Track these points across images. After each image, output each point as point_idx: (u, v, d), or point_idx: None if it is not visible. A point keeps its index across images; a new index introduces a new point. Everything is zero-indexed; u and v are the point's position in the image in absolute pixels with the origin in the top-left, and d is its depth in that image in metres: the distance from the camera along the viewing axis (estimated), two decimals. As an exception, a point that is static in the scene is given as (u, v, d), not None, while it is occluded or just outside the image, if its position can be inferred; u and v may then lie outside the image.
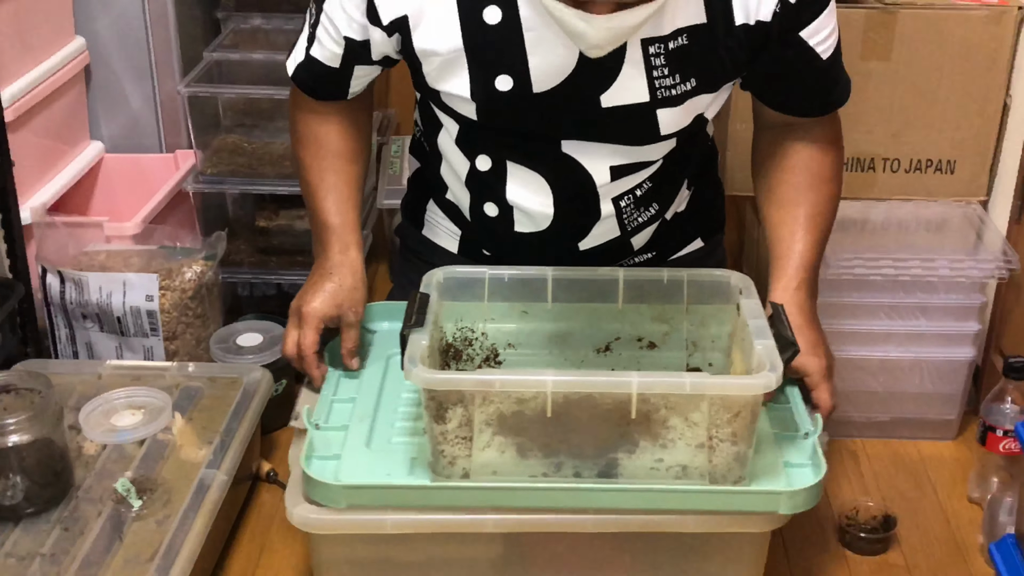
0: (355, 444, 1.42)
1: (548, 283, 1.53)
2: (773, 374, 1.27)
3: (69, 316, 2.11)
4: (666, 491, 1.33)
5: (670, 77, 1.43)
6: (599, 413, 1.31)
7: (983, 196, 2.21)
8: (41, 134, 2.19)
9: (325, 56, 1.51)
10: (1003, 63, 2.11)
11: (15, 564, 1.54)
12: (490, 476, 1.34)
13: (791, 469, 1.37)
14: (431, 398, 1.30)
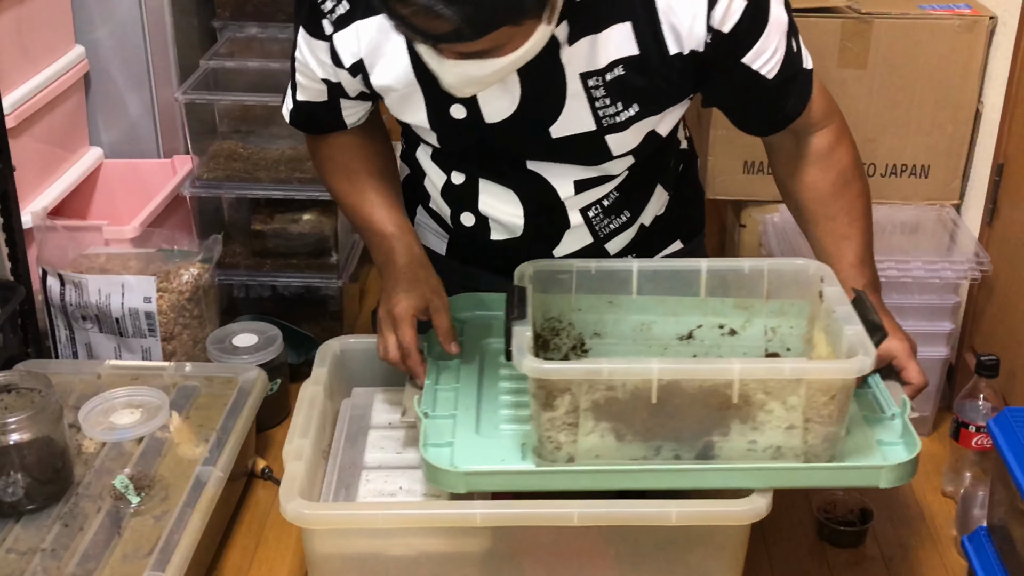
0: (465, 431, 1.43)
1: (633, 275, 1.54)
2: (868, 358, 1.29)
3: (69, 317, 2.11)
4: (770, 469, 1.35)
5: (612, 106, 1.44)
6: (699, 398, 1.32)
7: (956, 200, 2.22)
8: (42, 140, 2.18)
9: (312, 95, 1.54)
10: (975, 71, 2.12)
11: (16, 559, 1.54)
12: (593, 460, 1.35)
13: (884, 447, 1.39)
14: (540, 387, 1.31)
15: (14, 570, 1.52)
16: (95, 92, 2.39)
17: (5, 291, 1.97)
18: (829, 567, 1.80)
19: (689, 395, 1.32)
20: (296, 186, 2.32)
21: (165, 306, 2.07)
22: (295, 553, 1.79)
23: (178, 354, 2.11)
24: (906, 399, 1.43)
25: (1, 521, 1.60)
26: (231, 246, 2.39)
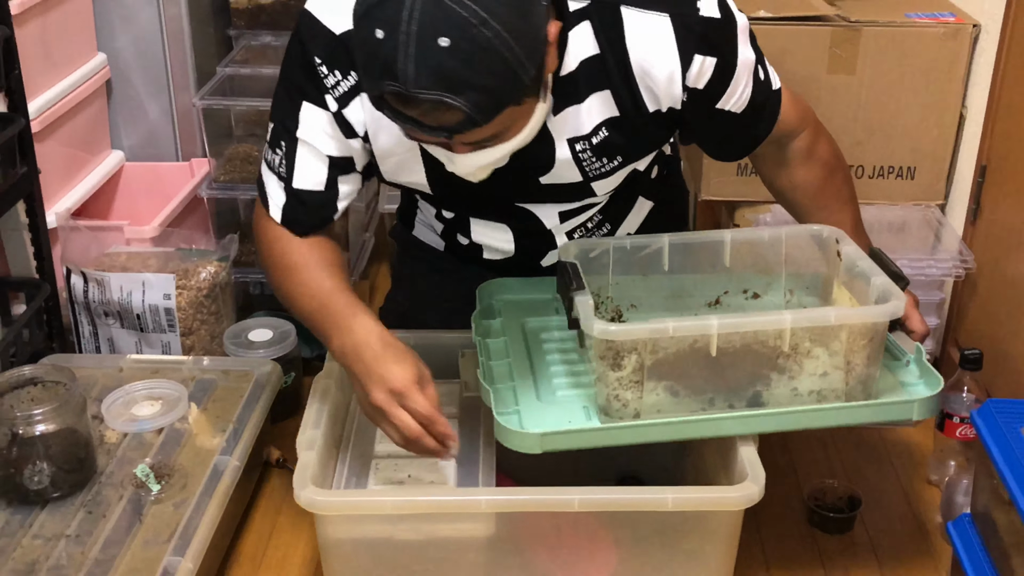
0: (528, 398, 1.47)
1: (665, 249, 1.59)
2: (900, 301, 1.39)
3: (92, 314, 2.11)
4: (815, 410, 1.42)
5: (598, 161, 1.48)
6: (753, 349, 1.39)
7: (941, 200, 2.22)
8: (65, 144, 2.19)
9: (310, 183, 1.46)
10: (959, 77, 2.12)
11: (42, 544, 1.54)
12: (656, 415, 1.40)
13: (909, 387, 1.48)
14: (609, 348, 1.35)
15: (40, 555, 1.52)
16: (116, 98, 2.39)
17: (31, 288, 1.98)
18: (819, 552, 1.81)
19: (743, 347, 1.38)
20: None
21: (184, 303, 2.08)
22: (308, 538, 1.80)
23: (196, 349, 2.11)
24: (919, 345, 1.51)
25: (27, 508, 1.61)
26: (247, 245, 2.39)
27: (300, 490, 1.37)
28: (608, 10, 1.36)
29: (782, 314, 1.39)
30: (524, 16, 1.17)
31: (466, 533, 1.43)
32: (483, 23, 1.13)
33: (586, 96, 1.41)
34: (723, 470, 1.51)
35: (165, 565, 1.50)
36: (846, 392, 1.42)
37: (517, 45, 1.16)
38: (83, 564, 1.51)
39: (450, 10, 1.12)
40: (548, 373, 1.52)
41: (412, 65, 1.13)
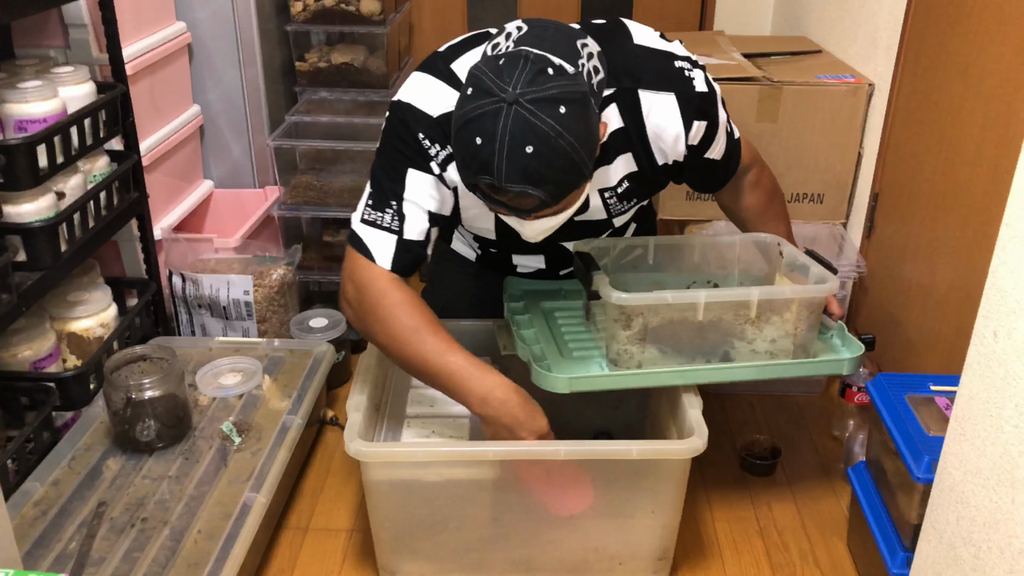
0: (553, 354, 1.49)
1: (650, 248, 1.63)
2: (835, 282, 1.45)
3: (188, 306, 2.11)
4: (771, 365, 1.46)
5: (620, 204, 1.51)
6: (729, 315, 1.44)
7: (843, 219, 2.21)
8: (168, 175, 2.18)
9: (415, 233, 1.38)
10: (857, 124, 2.12)
11: (150, 483, 1.54)
12: (653, 366, 1.44)
13: (838, 350, 1.54)
14: (622, 312, 1.39)
15: (148, 491, 1.52)
16: (208, 139, 2.39)
17: (141, 286, 1.98)
18: (748, 491, 1.80)
19: (720, 315, 1.43)
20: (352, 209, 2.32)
21: (259, 297, 2.07)
22: (355, 479, 1.80)
23: (269, 333, 2.11)
24: (840, 323, 1.56)
25: (138, 456, 1.61)
26: (308, 253, 2.39)
27: (349, 442, 1.37)
28: (629, 93, 1.38)
29: (751, 289, 1.43)
30: (587, 127, 1.19)
31: (477, 476, 1.43)
32: (559, 135, 1.15)
33: (614, 158, 1.43)
34: (675, 427, 1.51)
35: (244, 499, 1.50)
36: (792, 352, 1.46)
37: (583, 149, 1.19)
38: (181, 498, 1.51)
39: (535, 126, 1.14)
40: (564, 339, 1.54)
41: (504, 165, 1.15)
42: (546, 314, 1.63)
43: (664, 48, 1.42)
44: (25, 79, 1.57)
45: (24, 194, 1.52)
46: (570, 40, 1.23)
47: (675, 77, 1.39)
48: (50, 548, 1.39)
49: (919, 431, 1.37)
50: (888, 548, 1.42)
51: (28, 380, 1.61)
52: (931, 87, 1.82)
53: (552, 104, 1.15)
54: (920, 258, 1.85)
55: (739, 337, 1.46)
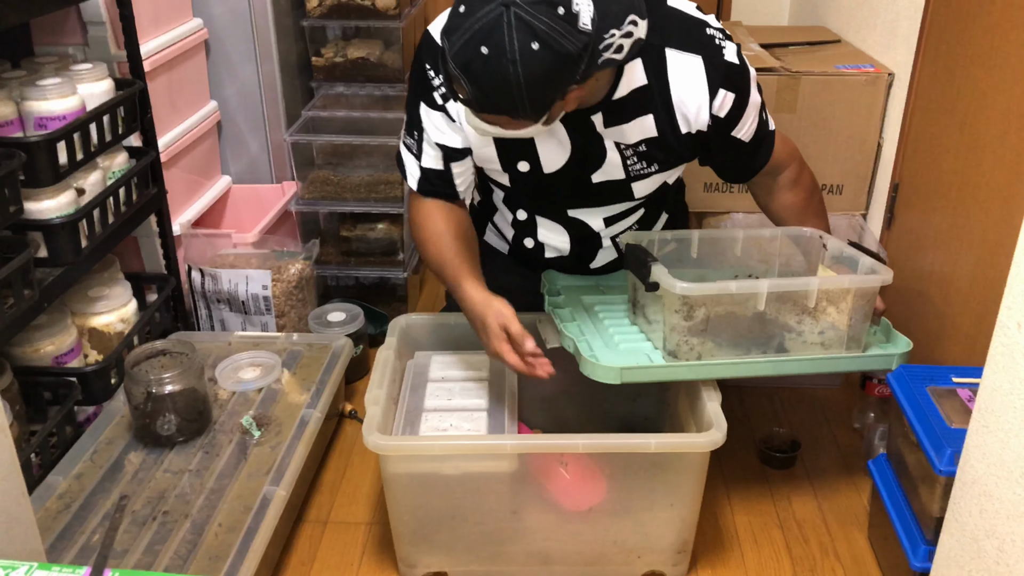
0: (600, 347, 1.46)
1: (694, 240, 1.61)
2: (889, 272, 1.42)
3: (207, 300, 2.12)
4: (828, 359, 1.45)
5: (639, 164, 1.46)
6: (787, 305, 1.42)
7: (863, 210, 2.19)
8: (186, 171, 2.19)
9: (431, 163, 1.48)
10: (877, 114, 2.10)
11: (171, 477, 1.55)
12: (711, 357, 1.42)
13: (883, 346, 1.51)
14: (684, 302, 1.37)
15: (169, 485, 1.53)
16: (225, 135, 2.40)
17: (161, 281, 1.99)
18: (768, 484, 1.79)
19: (779, 304, 1.42)
20: (372, 203, 2.32)
21: (278, 292, 2.08)
22: (374, 472, 1.80)
23: (287, 327, 2.12)
24: (885, 320, 1.54)
25: (159, 449, 1.62)
26: (325, 248, 2.40)
27: (368, 435, 1.37)
28: (655, 51, 1.35)
29: (810, 279, 1.42)
30: (546, 79, 1.16)
31: (495, 469, 1.43)
32: (513, 62, 1.13)
33: (634, 117, 1.40)
34: (693, 420, 1.50)
35: (264, 493, 1.50)
36: (845, 343, 1.45)
37: (527, 92, 1.16)
38: (202, 492, 1.51)
39: (501, 36, 1.12)
40: (608, 332, 1.53)
41: (459, 45, 1.15)
42: (587, 308, 1.61)
43: (698, 16, 1.40)
44: (44, 77, 1.58)
45: (45, 191, 1.53)
46: (621, 4, 1.19)
47: (705, 42, 1.37)
48: (73, 541, 1.41)
49: (941, 423, 1.36)
50: (910, 541, 1.41)
51: (50, 375, 1.62)
52: (952, 75, 1.80)
53: (530, 32, 1.12)
54: (941, 248, 1.83)
55: (793, 328, 1.45)
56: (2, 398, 1.38)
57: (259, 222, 2.27)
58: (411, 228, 1.56)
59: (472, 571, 1.53)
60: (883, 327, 1.55)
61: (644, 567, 1.53)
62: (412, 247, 2.48)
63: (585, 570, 1.53)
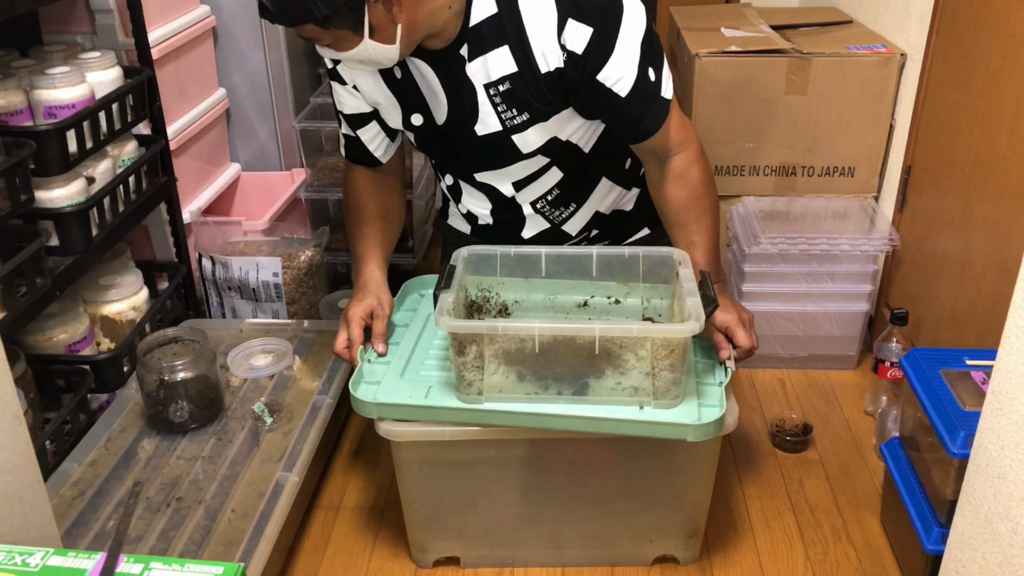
0: (392, 374, 1.43)
1: (542, 259, 1.51)
2: (697, 323, 1.26)
3: (218, 288, 2.12)
4: (612, 420, 1.31)
5: (509, 111, 1.40)
6: (573, 350, 1.31)
7: (875, 193, 2.17)
8: (195, 158, 2.19)
9: (346, 129, 1.56)
10: (889, 96, 2.08)
11: (184, 463, 1.56)
12: (497, 394, 1.34)
13: (704, 407, 1.34)
14: (454, 338, 1.31)
15: (183, 471, 1.54)
16: (234, 122, 2.40)
17: (172, 269, 1.99)
18: (779, 467, 1.79)
19: (565, 347, 1.30)
20: (382, 190, 2.32)
21: (288, 279, 2.08)
22: (385, 458, 1.81)
23: (298, 314, 2.12)
24: (730, 371, 1.39)
25: (172, 436, 1.62)
26: (335, 235, 2.40)
27: (379, 422, 1.38)
28: None
29: (593, 324, 1.29)
30: None
31: (505, 454, 1.43)
32: None
33: (491, 49, 1.36)
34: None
35: (277, 478, 1.51)
36: (653, 392, 1.31)
37: None
38: (215, 478, 1.52)
39: None
40: (423, 356, 1.48)
41: None
42: (428, 325, 1.56)
43: None
44: (53, 65, 1.58)
45: (55, 179, 1.53)
46: None
47: None
48: (88, 527, 1.42)
49: (954, 406, 1.35)
50: (923, 524, 1.40)
51: (64, 363, 1.63)
52: (966, 55, 1.78)
53: None
54: (955, 230, 1.82)
55: (594, 369, 1.32)
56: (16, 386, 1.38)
57: (269, 209, 2.27)
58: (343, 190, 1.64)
59: (484, 556, 1.54)
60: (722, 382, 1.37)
61: (656, 551, 1.53)
62: (422, 233, 2.47)
63: (597, 554, 1.53)
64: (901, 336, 1.88)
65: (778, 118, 2.09)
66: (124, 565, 0.90)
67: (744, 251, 2.02)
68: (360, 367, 1.43)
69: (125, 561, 0.90)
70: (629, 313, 1.51)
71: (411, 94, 1.46)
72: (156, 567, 0.90)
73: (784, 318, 2.08)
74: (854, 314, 2.08)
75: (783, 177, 2.16)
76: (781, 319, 2.07)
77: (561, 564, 1.54)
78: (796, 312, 2.08)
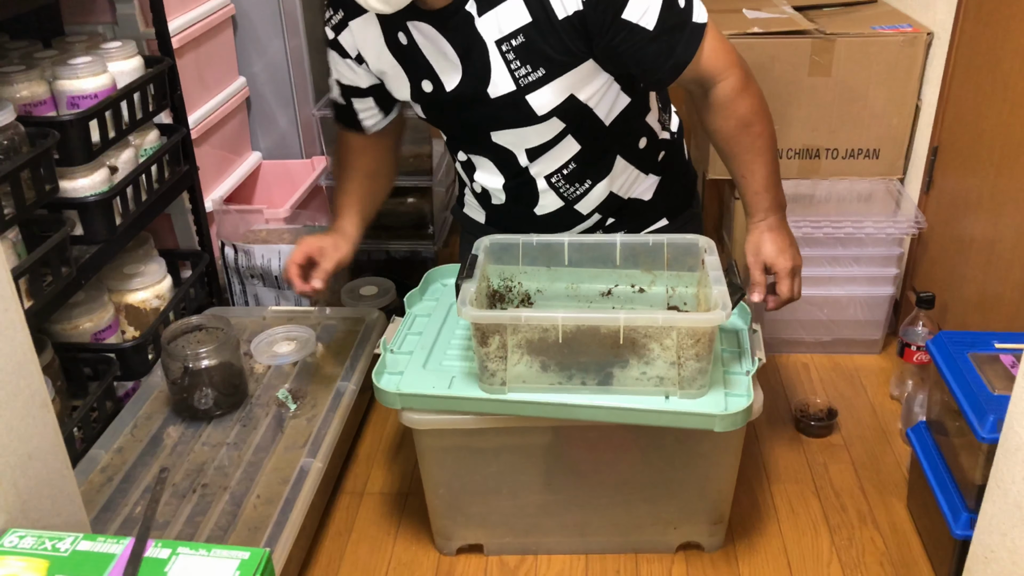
0: (415, 365, 1.43)
1: (565, 247, 1.49)
2: (724, 312, 1.25)
3: (241, 276, 2.14)
4: (637, 410, 1.30)
5: (523, 67, 1.34)
6: (597, 339, 1.30)
7: (900, 175, 2.15)
8: (217, 147, 2.20)
9: (337, 96, 1.55)
10: (915, 76, 2.04)
11: (209, 450, 1.57)
12: (520, 384, 1.34)
13: (731, 396, 1.33)
14: (476, 328, 1.30)
15: (208, 458, 1.55)
16: (254, 111, 2.40)
17: (194, 257, 2.00)
18: (804, 452, 1.78)
19: (589, 337, 1.29)
20: (402, 177, 2.31)
21: (310, 267, 2.09)
22: (408, 445, 1.81)
23: (321, 301, 2.13)
24: (759, 360, 1.37)
25: (197, 423, 1.64)
26: (356, 222, 2.40)
27: (402, 411, 1.38)
28: None
29: (618, 313, 1.28)
30: None
31: (528, 442, 1.43)
32: None
33: (501, 0, 1.30)
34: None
35: (301, 465, 1.52)
36: (679, 381, 1.30)
37: None
38: (240, 464, 1.53)
39: None
40: (446, 346, 1.47)
41: None
42: (451, 315, 1.55)
43: None
44: (75, 56, 1.59)
45: (79, 169, 1.54)
46: None
47: None
48: (117, 513, 1.43)
49: (983, 390, 1.33)
50: (951, 509, 1.39)
51: (90, 351, 1.65)
52: (995, 34, 1.74)
53: None
54: (982, 212, 1.79)
55: (619, 359, 1.31)
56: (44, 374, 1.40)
57: (290, 197, 2.27)
58: None
59: (508, 543, 1.54)
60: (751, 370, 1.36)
61: (680, 538, 1.53)
62: (442, 220, 2.47)
63: (621, 542, 1.53)
64: (927, 320, 1.86)
65: (801, 100, 2.06)
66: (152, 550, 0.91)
67: (767, 235, 2.00)
68: (383, 357, 1.43)
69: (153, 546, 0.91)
70: (653, 302, 1.50)
71: (418, 60, 1.40)
72: (184, 552, 0.91)
73: (808, 302, 2.06)
74: (879, 298, 2.06)
75: (807, 160, 2.14)
76: (805, 303, 2.05)
77: (585, 551, 1.54)
78: (821, 296, 2.06)
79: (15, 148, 1.37)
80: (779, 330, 2.09)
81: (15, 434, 0.96)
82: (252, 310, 2.01)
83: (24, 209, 1.36)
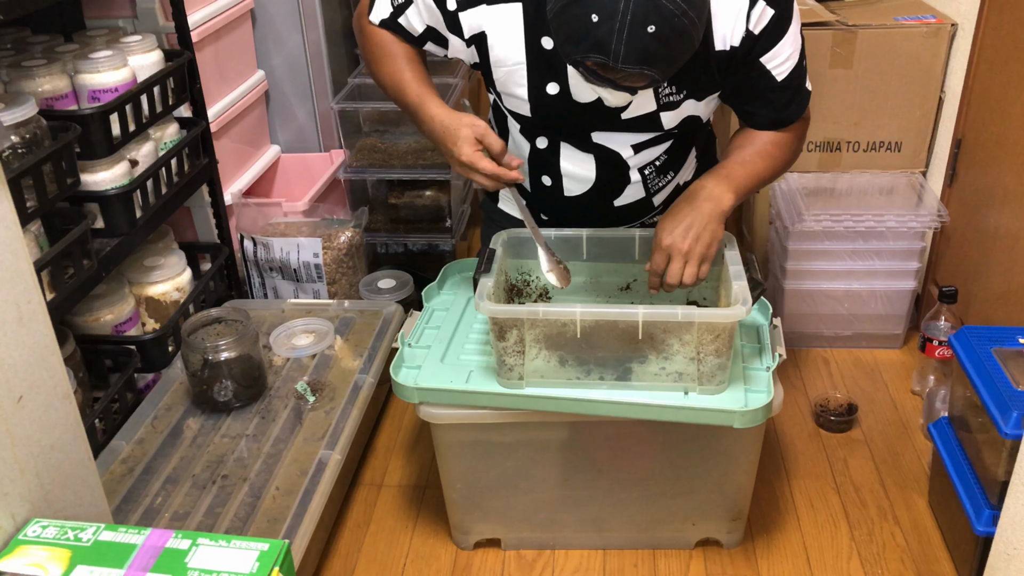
0: (433, 359, 1.42)
1: (583, 241, 1.49)
2: (744, 307, 1.24)
3: (260, 269, 2.14)
4: (656, 406, 1.30)
5: (670, 88, 1.37)
6: (616, 334, 1.29)
7: (923, 168, 2.12)
8: (236, 140, 2.21)
9: (409, 27, 1.41)
10: (938, 68, 2.02)
11: (229, 441, 1.58)
12: (538, 379, 1.33)
13: (751, 392, 1.32)
14: (494, 323, 1.30)
15: (227, 449, 1.56)
16: (273, 104, 2.41)
17: (214, 250, 2.01)
18: (824, 447, 1.77)
19: (607, 332, 1.28)
20: (420, 170, 2.32)
21: (328, 260, 2.10)
22: (426, 438, 1.81)
23: (339, 294, 2.13)
24: (779, 356, 1.36)
25: (217, 415, 1.65)
26: (374, 215, 2.41)
27: (420, 405, 1.38)
28: None
29: (636, 308, 1.27)
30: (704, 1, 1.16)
31: (545, 437, 1.43)
32: (683, 14, 1.11)
33: None
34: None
35: (320, 456, 1.52)
36: (699, 377, 1.30)
37: (699, 22, 1.14)
38: (259, 456, 1.54)
39: (660, 5, 1.10)
40: (464, 341, 1.46)
41: (624, 46, 1.12)
42: (468, 308, 1.54)
43: None
44: (96, 50, 1.59)
45: (100, 162, 1.55)
46: None
47: None
48: (138, 503, 1.44)
49: (1007, 385, 1.32)
50: (973, 505, 1.37)
51: (111, 343, 1.66)
52: (1020, 25, 1.72)
53: None
54: (1007, 206, 1.77)
55: (638, 354, 1.30)
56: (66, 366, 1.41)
57: (308, 191, 2.28)
58: (362, 50, 1.47)
59: (525, 538, 1.54)
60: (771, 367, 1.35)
61: (699, 534, 1.52)
62: (460, 213, 2.47)
63: (639, 537, 1.53)
64: (950, 314, 1.84)
65: (822, 92, 2.04)
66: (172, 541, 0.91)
67: (788, 229, 1.99)
68: (401, 351, 1.43)
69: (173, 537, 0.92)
70: (672, 297, 1.49)
71: (555, 66, 1.37)
72: (203, 543, 0.91)
73: (829, 296, 2.04)
74: (901, 292, 2.04)
75: (828, 153, 2.12)
76: (826, 298, 2.04)
77: (602, 546, 1.54)
78: (841, 290, 2.04)
79: (37, 142, 1.38)
80: (799, 324, 2.08)
81: (38, 425, 0.97)
82: (271, 303, 2.01)
83: (46, 202, 1.38)
